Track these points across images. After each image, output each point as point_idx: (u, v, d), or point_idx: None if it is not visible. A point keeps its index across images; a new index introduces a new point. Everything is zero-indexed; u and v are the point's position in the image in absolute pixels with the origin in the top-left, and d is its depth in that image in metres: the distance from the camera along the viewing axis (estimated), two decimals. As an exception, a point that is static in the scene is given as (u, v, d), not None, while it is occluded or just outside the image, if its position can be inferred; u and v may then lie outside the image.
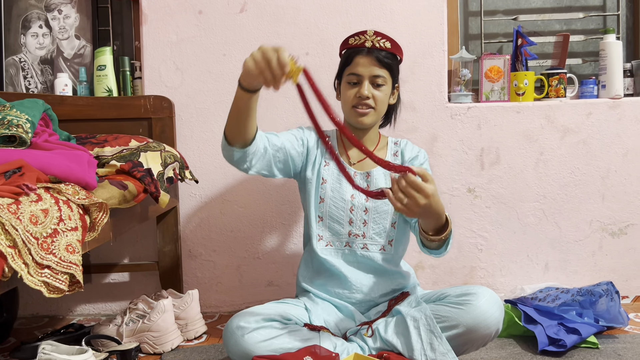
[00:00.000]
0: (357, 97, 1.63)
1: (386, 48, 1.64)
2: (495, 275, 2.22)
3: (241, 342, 1.47)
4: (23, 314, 2.25)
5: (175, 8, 2.17)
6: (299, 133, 1.72)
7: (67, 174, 1.32)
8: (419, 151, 1.76)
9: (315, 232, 1.69)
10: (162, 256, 2.18)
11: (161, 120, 2.12)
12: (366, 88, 1.62)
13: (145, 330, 1.80)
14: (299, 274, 1.77)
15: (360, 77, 1.63)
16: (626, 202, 2.19)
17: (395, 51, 1.66)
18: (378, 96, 1.64)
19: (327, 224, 1.69)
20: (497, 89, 2.21)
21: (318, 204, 1.70)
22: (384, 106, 1.69)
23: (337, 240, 1.69)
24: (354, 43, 1.65)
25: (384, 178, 1.70)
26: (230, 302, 2.25)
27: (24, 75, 2.24)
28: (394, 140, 1.78)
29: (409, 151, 1.75)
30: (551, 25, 2.39)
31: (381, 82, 1.64)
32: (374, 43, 1.63)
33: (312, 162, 1.72)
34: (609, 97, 2.18)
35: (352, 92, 1.65)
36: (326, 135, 1.73)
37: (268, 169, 1.61)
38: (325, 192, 1.69)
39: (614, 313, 1.87)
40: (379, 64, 1.63)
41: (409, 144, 1.78)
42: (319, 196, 1.70)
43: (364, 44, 1.63)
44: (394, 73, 1.68)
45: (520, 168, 2.18)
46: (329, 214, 1.69)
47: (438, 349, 1.47)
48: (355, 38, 1.66)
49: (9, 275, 1.01)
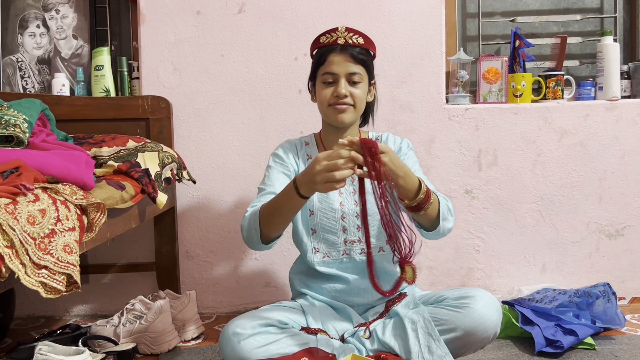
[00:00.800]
0: (335, 97, 1.59)
1: (359, 44, 1.59)
2: (493, 277, 2.23)
3: (237, 348, 1.46)
4: (19, 315, 2.24)
5: (173, 8, 2.17)
6: (283, 166, 1.68)
7: (64, 174, 1.31)
8: (402, 141, 1.71)
9: (310, 245, 1.66)
10: (159, 257, 2.17)
11: (159, 121, 2.12)
12: (343, 86, 1.57)
13: (142, 331, 1.79)
14: (293, 276, 1.75)
15: (335, 76, 1.58)
16: (623, 204, 2.20)
17: (368, 46, 1.62)
18: (356, 93, 1.60)
19: (322, 235, 1.66)
20: (495, 91, 2.21)
21: (308, 217, 1.67)
22: (363, 103, 1.64)
23: (334, 250, 1.66)
24: (325, 41, 1.61)
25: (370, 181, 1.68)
26: (227, 303, 2.25)
27: (21, 75, 2.24)
28: (375, 135, 1.74)
29: (391, 143, 1.71)
30: (549, 27, 2.40)
31: (357, 79, 1.59)
32: (346, 40, 1.58)
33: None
34: (606, 99, 2.18)
35: (328, 91, 1.60)
36: (305, 142, 1.73)
37: None
38: (313, 204, 1.66)
39: (611, 314, 1.88)
40: (354, 61, 1.58)
41: (391, 136, 1.73)
42: (307, 209, 1.67)
43: (337, 42, 1.58)
44: (370, 69, 1.64)
45: (517, 169, 2.19)
46: (321, 226, 1.66)
47: (436, 351, 1.46)
48: (327, 36, 1.61)
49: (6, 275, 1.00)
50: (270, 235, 1.51)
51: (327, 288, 1.68)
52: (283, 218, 1.47)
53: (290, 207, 1.44)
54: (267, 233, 1.50)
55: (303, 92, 2.18)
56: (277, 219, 1.47)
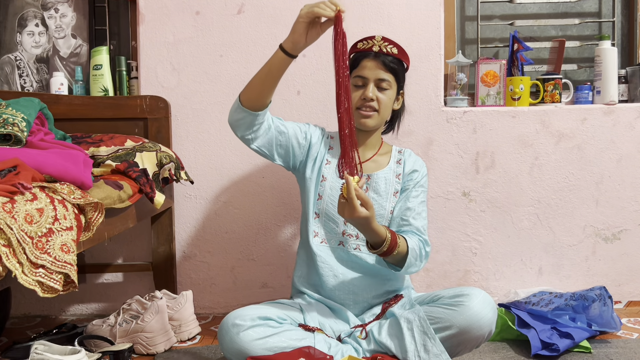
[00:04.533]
0: (362, 99, 1.66)
1: (393, 54, 1.68)
2: (489, 279, 2.23)
3: (236, 339, 1.47)
4: (15, 314, 2.23)
5: (173, 8, 2.17)
6: (304, 127, 1.74)
7: (62, 174, 1.31)
8: (421, 167, 1.77)
9: (312, 228, 1.70)
10: (156, 257, 2.17)
11: (157, 121, 2.12)
12: (371, 90, 1.66)
13: (138, 331, 1.79)
14: (294, 274, 1.78)
15: (365, 80, 1.67)
16: (620, 208, 2.20)
17: (401, 57, 1.70)
18: (382, 99, 1.67)
19: (323, 221, 1.71)
20: (493, 94, 2.22)
21: (316, 201, 1.71)
22: (388, 110, 1.71)
23: (331, 238, 1.70)
24: (362, 47, 1.70)
25: (385, 181, 1.71)
26: (224, 304, 2.24)
27: (19, 74, 2.23)
28: (397, 149, 1.80)
29: (411, 163, 1.76)
30: (547, 31, 2.41)
31: (386, 85, 1.67)
32: (381, 48, 1.67)
33: (314, 158, 1.73)
34: (603, 103, 2.19)
35: (357, 94, 1.68)
36: (330, 136, 1.76)
37: (269, 148, 1.66)
38: (324, 189, 1.71)
39: (607, 318, 1.88)
40: (385, 68, 1.66)
41: (412, 154, 1.79)
42: (317, 193, 1.71)
43: (372, 48, 1.67)
44: (399, 78, 1.71)
45: (515, 172, 2.19)
46: (326, 212, 1.70)
47: (432, 350, 1.48)
48: (364, 42, 1.70)
49: (3, 274, 1.00)
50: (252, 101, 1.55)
51: (324, 286, 1.69)
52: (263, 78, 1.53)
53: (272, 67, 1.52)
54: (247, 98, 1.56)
55: (302, 93, 2.18)
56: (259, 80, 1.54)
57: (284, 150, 1.68)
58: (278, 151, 1.68)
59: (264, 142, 1.63)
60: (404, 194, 1.72)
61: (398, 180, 1.73)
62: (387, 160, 1.76)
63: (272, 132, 1.64)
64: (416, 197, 1.71)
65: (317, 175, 1.72)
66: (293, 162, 1.72)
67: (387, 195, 1.71)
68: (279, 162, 1.71)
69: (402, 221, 1.68)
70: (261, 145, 1.64)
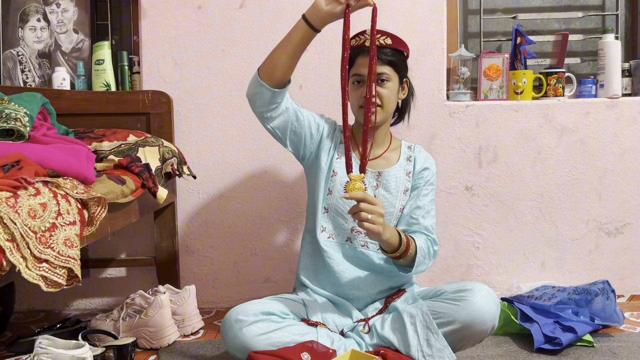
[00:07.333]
0: (362, 97, 1.63)
1: (387, 45, 1.63)
2: (492, 274, 2.23)
3: (239, 334, 1.47)
4: (19, 309, 2.24)
5: (175, 3, 2.16)
6: (318, 118, 1.72)
7: (65, 168, 1.31)
8: (431, 164, 1.76)
9: (320, 223, 1.70)
10: (159, 251, 2.18)
11: (159, 116, 2.12)
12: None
13: (142, 326, 1.79)
14: (299, 267, 1.77)
15: (362, 77, 1.63)
16: (623, 202, 2.20)
17: (397, 46, 1.65)
18: (383, 93, 1.64)
19: (332, 216, 1.70)
20: (496, 88, 2.21)
21: (326, 196, 1.70)
22: (392, 102, 1.68)
23: (339, 234, 1.70)
24: (354, 44, 1.66)
25: (395, 179, 1.70)
26: (227, 298, 2.25)
27: (21, 69, 2.23)
28: (407, 145, 1.78)
29: (422, 160, 1.75)
30: (550, 25, 2.40)
31: (385, 78, 1.64)
32: None
33: (327, 152, 1.71)
34: (607, 96, 2.18)
35: (357, 92, 1.65)
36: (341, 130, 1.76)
37: (283, 132, 1.64)
38: (335, 185, 1.70)
39: (610, 312, 1.88)
40: (380, 62, 1.62)
41: (422, 151, 1.78)
42: (327, 188, 1.70)
43: (364, 44, 1.63)
44: (399, 68, 1.67)
45: (517, 167, 2.19)
46: (335, 208, 1.69)
47: (434, 344, 1.48)
48: (356, 39, 1.66)
49: (7, 269, 1.01)
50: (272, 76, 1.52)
51: (328, 281, 1.69)
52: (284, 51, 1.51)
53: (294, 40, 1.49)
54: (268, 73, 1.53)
55: (304, 88, 2.18)
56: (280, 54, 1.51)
57: (297, 138, 1.66)
58: (291, 137, 1.65)
59: (280, 124, 1.61)
60: (414, 192, 1.71)
61: (408, 179, 1.72)
62: (397, 156, 1.74)
63: (290, 115, 1.61)
64: (426, 195, 1.71)
65: (328, 169, 1.71)
66: (303, 151, 1.70)
67: (397, 193, 1.70)
68: (289, 149, 1.69)
69: (412, 219, 1.68)
70: (276, 127, 1.62)
